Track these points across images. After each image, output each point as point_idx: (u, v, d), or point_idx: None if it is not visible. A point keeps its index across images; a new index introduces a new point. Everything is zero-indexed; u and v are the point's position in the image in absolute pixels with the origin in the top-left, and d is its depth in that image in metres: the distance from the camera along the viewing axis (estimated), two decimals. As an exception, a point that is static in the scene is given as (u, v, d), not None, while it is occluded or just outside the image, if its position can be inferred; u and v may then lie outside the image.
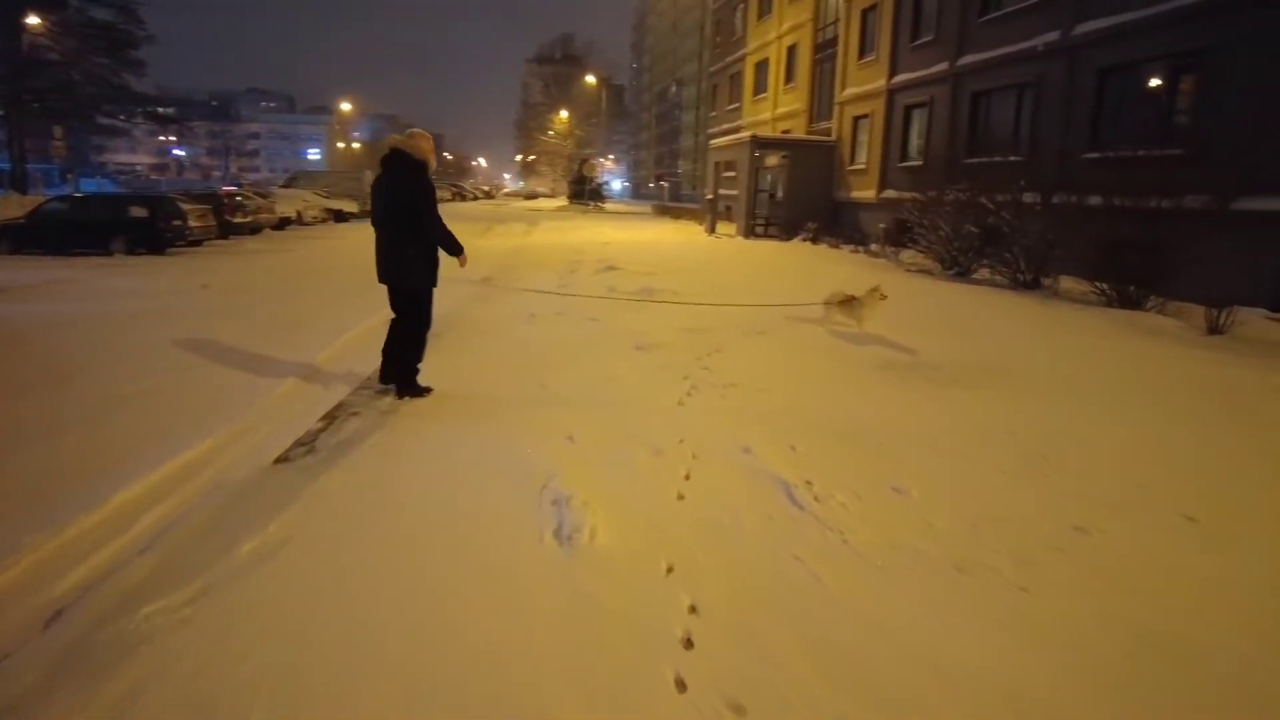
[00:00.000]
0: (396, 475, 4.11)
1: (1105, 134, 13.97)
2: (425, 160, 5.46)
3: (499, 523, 3.52)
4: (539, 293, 10.72)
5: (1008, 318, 9.77)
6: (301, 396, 5.69)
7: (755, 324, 8.65)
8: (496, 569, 3.12)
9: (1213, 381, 6.77)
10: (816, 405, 5.57)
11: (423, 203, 5.42)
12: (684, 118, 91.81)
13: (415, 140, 5.49)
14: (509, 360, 6.83)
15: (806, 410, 5.43)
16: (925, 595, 3.04)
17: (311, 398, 5.67)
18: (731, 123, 35.15)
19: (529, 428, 4.88)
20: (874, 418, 5.31)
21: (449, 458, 4.37)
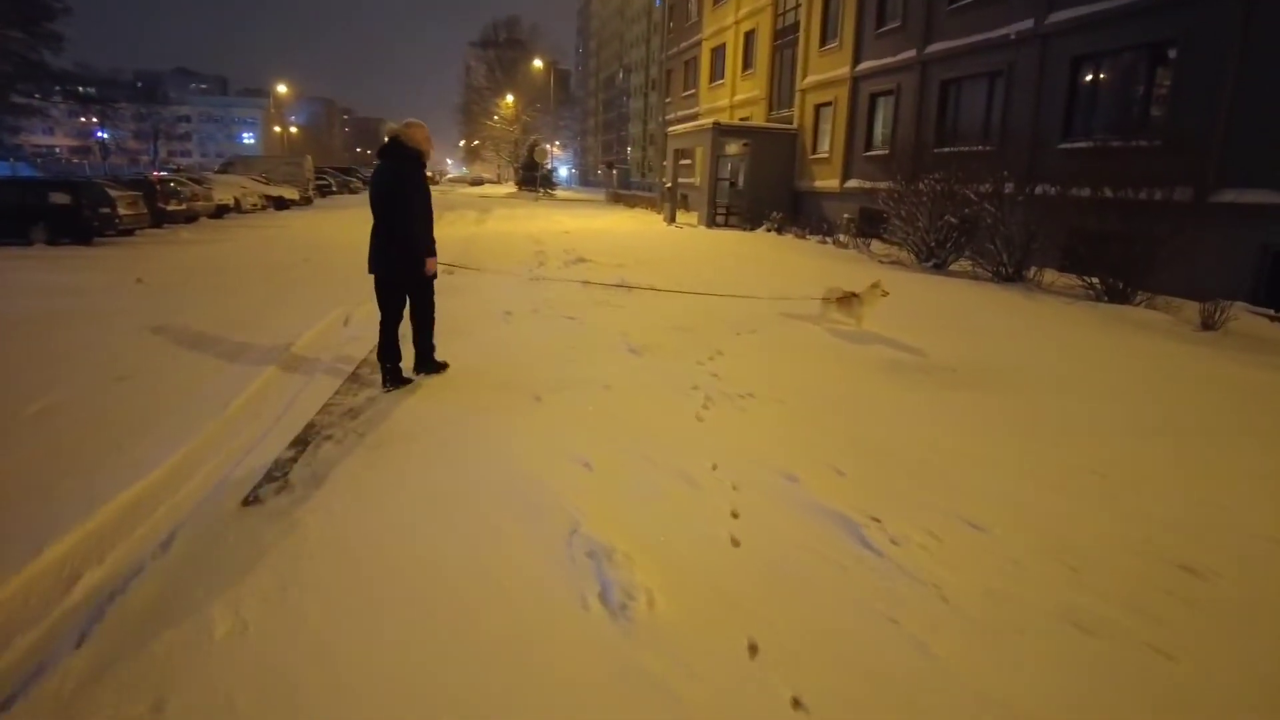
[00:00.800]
0: (387, 520, 3.44)
1: (1079, 124, 13.82)
2: (420, 150, 5.38)
3: (527, 585, 2.89)
4: (508, 286, 10.01)
5: (1001, 313, 9.44)
6: (257, 414, 4.96)
7: (745, 321, 8.12)
8: (534, 651, 2.50)
9: (1234, 381, 6.48)
10: (843, 418, 5.06)
11: (399, 192, 5.29)
12: (631, 104, 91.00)
13: (410, 130, 5.42)
14: (492, 367, 6.17)
15: (835, 424, 4.91)
16: (1055, 665, 2.53)
17: (272, 414, 4.94)
18: (687, 110, 34.57)
19: (535, 452, 4.25)
20: (908, 432, 4.82)
21: (450, 495, 3.71)
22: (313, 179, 35.24)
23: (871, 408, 5.32)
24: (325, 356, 6.50)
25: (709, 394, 5.41)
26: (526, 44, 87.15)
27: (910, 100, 18.51)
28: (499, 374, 5.94)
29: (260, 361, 6.19)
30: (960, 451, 4.51)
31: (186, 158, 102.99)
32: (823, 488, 3.85)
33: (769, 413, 5.09)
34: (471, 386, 5.60)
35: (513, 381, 5.70)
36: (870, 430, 4.81)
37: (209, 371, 5.95)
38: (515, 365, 6.21)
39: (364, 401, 5.24)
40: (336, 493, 3.71)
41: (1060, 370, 6.60)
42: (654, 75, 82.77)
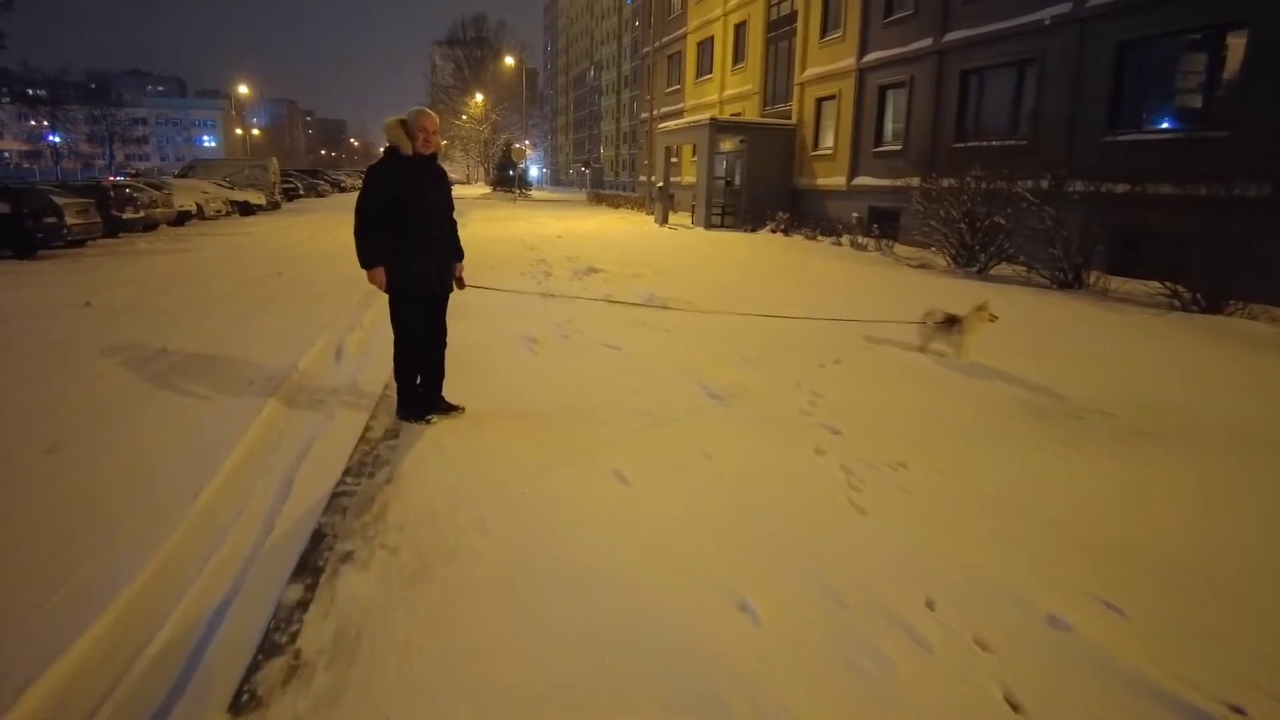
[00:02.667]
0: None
1: (1127, 115, 12.77)
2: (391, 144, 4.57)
3: None
4: (520, 305, 8.62)
5: (1094, 329, 8.22)
6: (240, 508, 3.56)
7: (822, 349, 6.83)
8: None
9: None
10: (1033, 498, 3.78)
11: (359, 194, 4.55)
12: (603, 102, 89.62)
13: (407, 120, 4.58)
14: (534, 419, 4.81)
15: (1033, 511, 3.63)
16: None
17: (261, 507, 3.55)
18: (671, 106, 33.29)
19: (655, 581, 2.89)
20: (1136, 516, 3.57)
21: (551, 683, 2.37)
22: (279, 182, 33.37)
23: (1053, 478, 4.05)
24: (319, 405, 5.10)
25: (845, 464, 4.09)
26: (493, 42, 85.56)
27: (925, 92, 17.40)
28: (546, 431, 4.58)
29: (237, 416, 4.78)
30: (1225, 542, 3.28)
31: (144, 161, 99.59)
32: (1110, 638, 2.57)
33: (940, 493, 3.79)
34: (515, 449, 4.25)
35: (570, 444, 4.35)
36: (1083, 517, 3.54)
37: (169, 433, 4.52)
38: (563, 417, 4.86)
39: (382, 480, 3.87)
40: (378, 681, 2.35)
41: (1226, 410, 5.39)
42: (626, 72, 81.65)
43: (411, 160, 4.48)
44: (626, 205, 35.36)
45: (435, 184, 4.68)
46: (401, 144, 4.44)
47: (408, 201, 4.45)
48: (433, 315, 4.77)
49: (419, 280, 4.56)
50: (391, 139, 4.48)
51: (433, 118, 4.55)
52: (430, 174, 4.64)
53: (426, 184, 4.57)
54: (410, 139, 4.43)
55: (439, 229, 4.69)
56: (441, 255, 4.71)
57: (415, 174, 4.51)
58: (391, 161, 4.48)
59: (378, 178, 4.46)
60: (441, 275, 4.72)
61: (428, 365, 4.85)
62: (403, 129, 4.43)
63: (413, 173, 4.50)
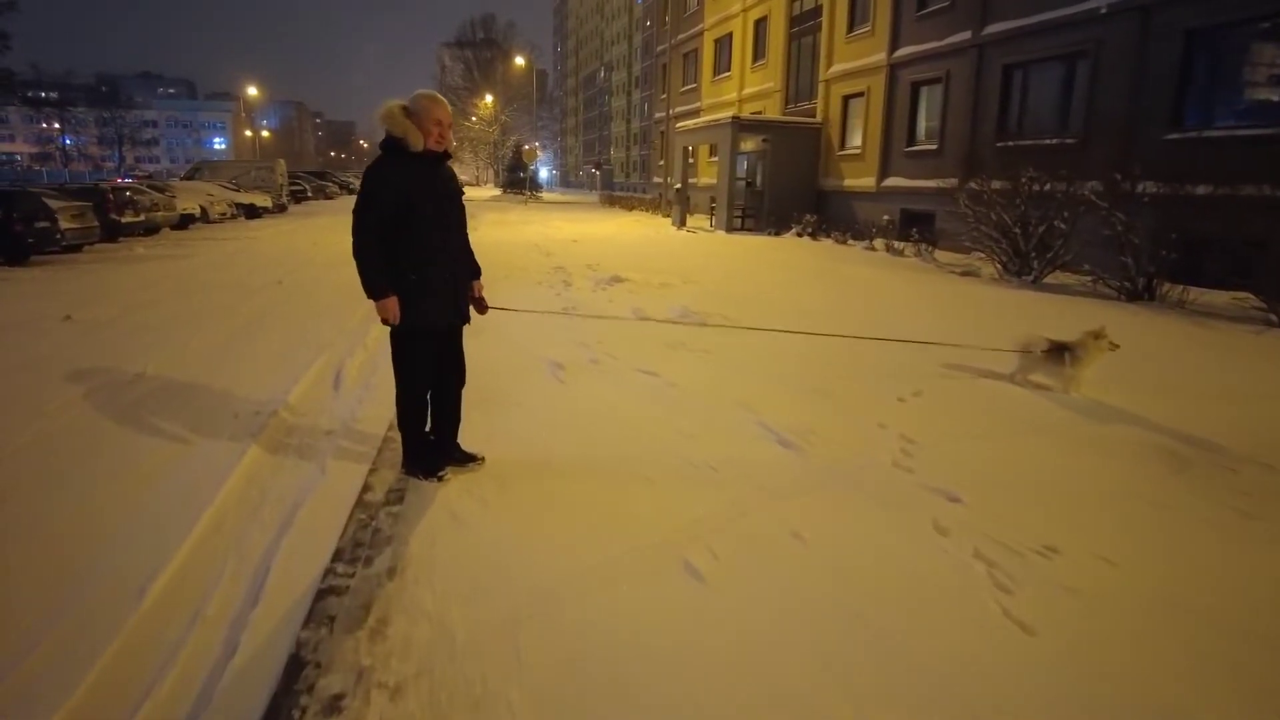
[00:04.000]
0: None
1: (1194, 110, 11.79)
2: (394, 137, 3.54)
3: None
4: (540, 321, 7.73)
5: (1204, 354, 7.19)
6: (198, 613, 2.69)
7: (894, 373, 5.92)
8: None
9: None
10: (1228, 601, 2.88)
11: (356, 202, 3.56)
12: (613, 103, 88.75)
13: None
14: (568, 473, 3.91)
15: (1227, 618, 2.73)
16: None
17: (227, 614, 2.68)
18: (687, 105, 32.39)
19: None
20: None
21: None
22: (286, 184, 32.64)
23: (1241, 567, 3.13)
24: (311, 452, 4.23)
25: (980, 548, 3.17)
26: (503, 43, 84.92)
27: (963, 88, 16.43)
28: (586, 494, 3.69)
29: (210, 469, 3.91)
30: None
31: (154, 164, 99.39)
32: None
33: (1113, 596, 2.86)
34: (550, 523, 3.36)
35: (618, 517, 3.45)
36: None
37: (126, 493, 3.66)
38: (605, 472, 3.96)
39: (382, 570, 2.99)
40: None
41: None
42: (636, 73, 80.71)
43: (421, 158, 3.54)
44: (640, 207, 34.47)
45: (452, 186, 3.76)
46: (410, 136, 3.47)
47: (418, 212, 3.51)
48: (447, 350, 3.89)
49: (432, 314, 3.68)
50: (394, 130, 3.48)
51: (445, 106, 3.60)
52: (445, 174, 3.72)
53: (440, 190, 3.63)
54: (420, 131, 3.49)
55: (455, 246, 3.79)
56: (459, 278, 3.82)
57: (426, 176, 3.56)
58: (396, 159, 3.52)
59: (380, 180, 3.50)
60: (458, 302, 3.83)
61: (441, 408, 3.96)
62: (409, 118, 3.48)
63: (423, 174, 3.55)
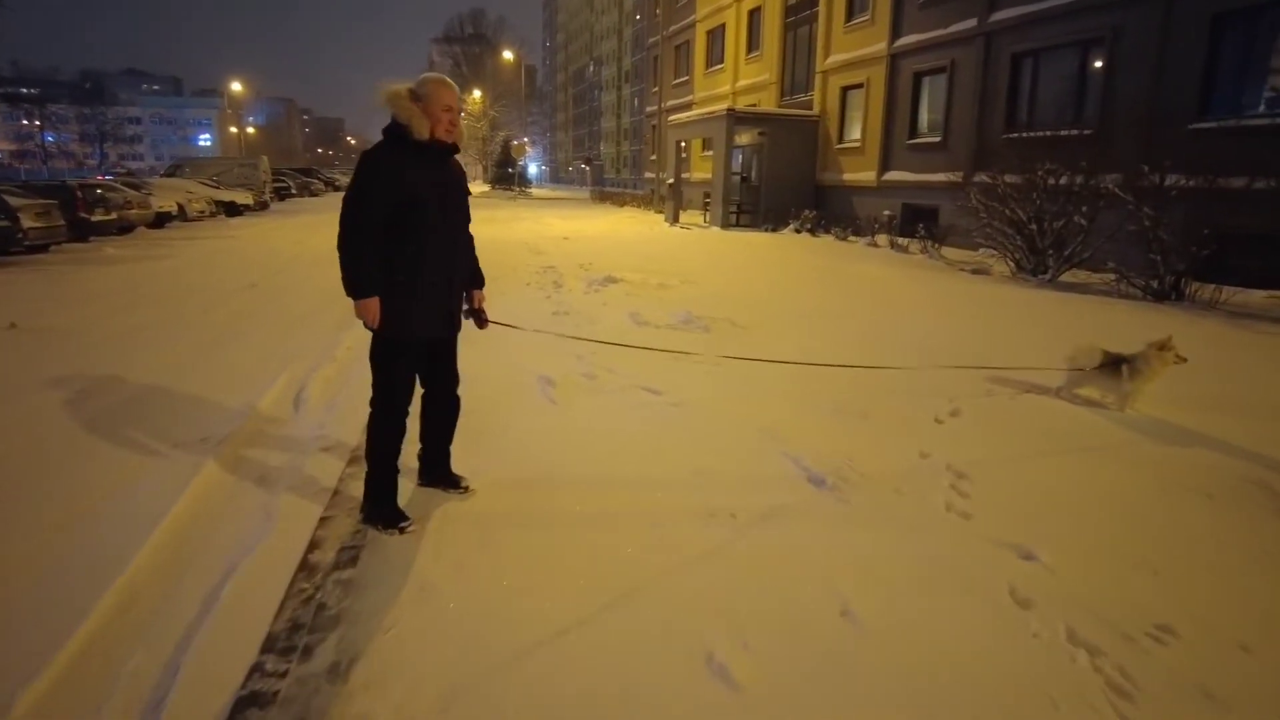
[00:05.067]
0: None
1: (1222, 98, 11.19)
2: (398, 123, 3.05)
3: None
4: (528, 328, 7.04)
5: (1263, 361, 6.65)
6: (107, 698, 2.04)
7: (928, 387, 5.29)
8: None
9: None
10: None
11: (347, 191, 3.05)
12: (604, 98, 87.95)
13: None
14: (561, 536, 3.25)
15: None
16: None
17: (135, 700, 2.02)
18: (679, 99, 31.69)
19: None
20: None
21: None
22: (270, 181, 31.79)
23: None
24: (254, 497, 3.55)
25: (1073, 627, 2.51)
26: (492, 38, 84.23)
27: (969, 78, 15.81)
28: (587, 550, 3.03)
29: (129, 526, 3.23)
30: None
31: (138, 161, 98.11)
32: None
33: (1255, 694, 2.26)
34: (543, 594, 2.69)
35: (627, 584, 2.79)
36: None
37: (29, 569, 2.98)
38: (607, 519, 3.31)
39: (321, 668, 2.33)
40: None
41: None
42: (627, 67, 79.86)
43: (425, 149, 3.05)
44: (632, 203, 33.79)
45: (457, 182, 3.26)
46: (415, 123, 2.99)
47: (416, 209, 3.02)
48: (438, 364, 3.41)
49: (418, 321, 3.16)
50: (399, 115, 3.01)
51: (455, 90, 3.11)
52: (451, 168, 3.23)
53: (445, 186, 3.16)
54: (425, 118, 3.01)
55: (455, 250, 3.29)
56: (454, 285, 3.32)
57: (431, 169, 3.09)
58: (397, 147, 3.02)
59: (375, 169, 2.99)
60: (451, 312, 3.33)
61: (431, 424, 3.52)
62: (415, 102, 3.01)
63: (427, 167, 3.08)
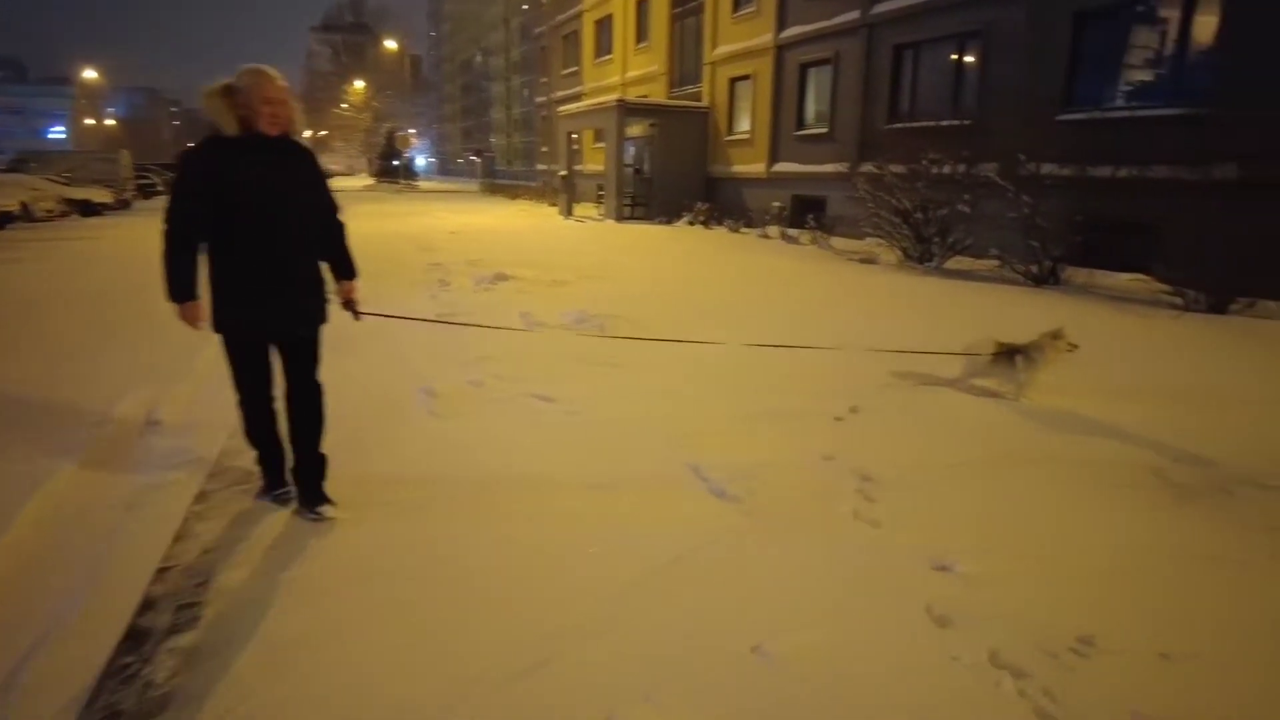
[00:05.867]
0: None
1: (1086, 91, 11.68)
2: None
3: None
4: (413, 332, 6.52)
5: (1141, 343, 6.76)
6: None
7: (830, 383, 5.15)
8: None
9: None
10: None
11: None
12: (493, 89, 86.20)
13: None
14: (440, 588, 2.85)
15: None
16: None
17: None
18: (569, 89, 31.20)
19: None
20: None
21: None
22: (132, 177, 29.32)
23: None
24: (78, 557, 2.98)
25: (997, 650, 2.30)
26: (374, 27, 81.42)
27: (853, 70, 16.07)
28: (466, 597, 2.65)
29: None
30: None
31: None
32: None
33: (1195, 693, 2.11)
34: (420, 664, 2.32)
35: (518, 649, 2.44)
36: None
37: None
38: (494, 553, 2.93)
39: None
40: None
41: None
42: (515, 58, 78.45)
43: (244, 143, 2.99)
44: (525, 196, 33.08)
45: (289, 175, 3.13)
46: (223, 121, 2.95)
47: (245, 207, 2.98)
48: (291, 365, 3.29)
49: (255, 322, 3.12)
50: (208, 113, 2.97)
51: (276, 81, 3.01)
52: (279, 162, 3.09)
53: (272, 176, 3.04)
54: (247, 111, 2.95)
55: (294, 243, 3.16)
56: (301, 282, 3.20)
57: (252, 162, 2.99)
58: (213, 146, 3.01)
59: (193, 170, 3.01)
60: (300, 311, 3.22)
61: (290, 427, 3.34)
62: (227, 100, 2.95)
63: (247, 161, 2.98)
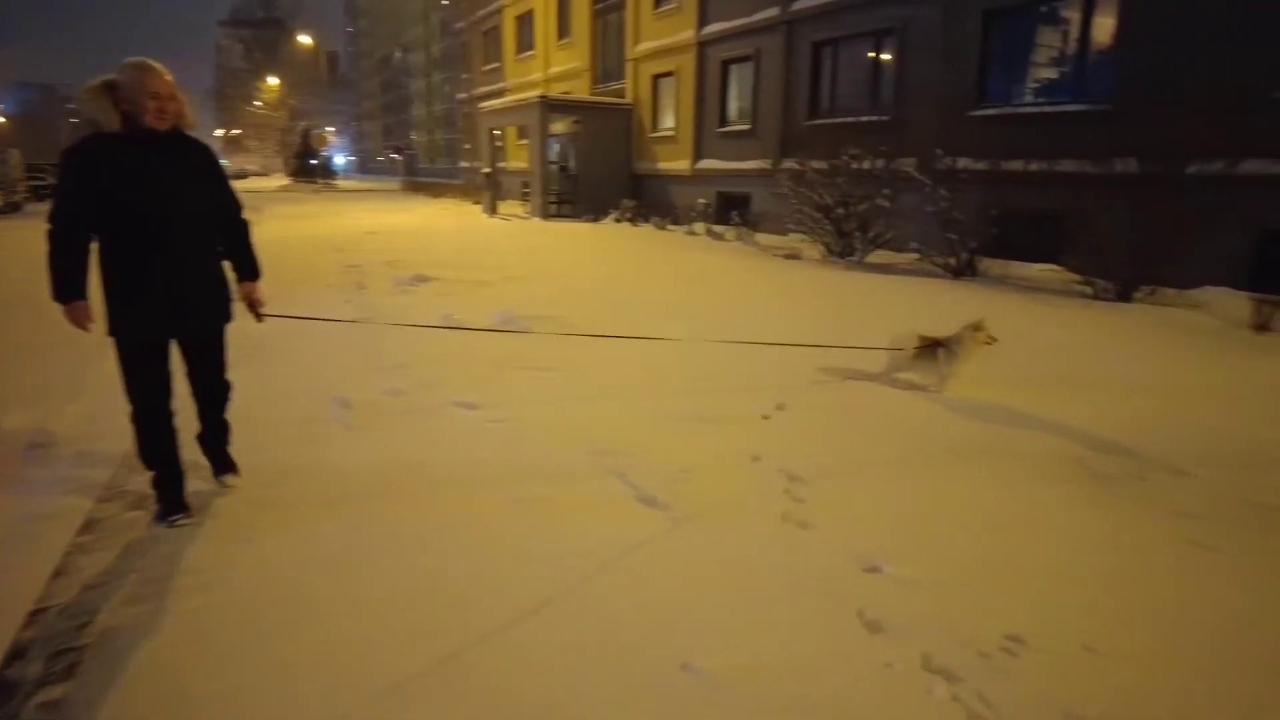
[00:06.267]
0: None
1: (996, 88, 12.03)
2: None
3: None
4: (326, 338, 6.22)
5: (1053, 332, 6.94)
6: None
7: (757, 381, 5.10)
8: None
9: None
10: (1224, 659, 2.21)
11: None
12: (413, 85, 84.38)
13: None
14: (346, 631, 2.68)
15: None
16: None
17: None
18: (490, 85, 30.70)
19: None
20: None
21: None
22: (23, 178, 27.51)
23: (1227, 610, 2.50)
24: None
25: (930, 655, 2.27)
26: (286, 22, 79.01)
27: (774, 67, 16.20)
28: (367, 620, 2.48)
29: None
30: None
31: None
32: None
33: (1136, 692, 2.10)
34: (323, 685, 2.14)
35: (418, 659, 2.28)
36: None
37: None
38: (405, 574, 2.76)
39: None
40: None
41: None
42: (435, 54, 76.90)
43: (129, 139, 2.90)
44: (448, 194, 32.40)
45: (179, 171, 3.04)
46: (104, 117, 2.86)
47: (129, 205, 2.89)
48: (194, 367, 3.30)
49: (147, 324, 3.02)
50: (86, 110, 2.90)
51: (161, 74, 2.90)
52: (168, 157, 3.00)
53: (160, 172, 2.96)
54: (131, 106, 2.86)
55: (187, 240, 3.09)
56: (196, 280, 3.15)
57: (137, 158, 2.91)
58: (94, 142, 2.90)
59: (73, 169, 2.88)
60: (196, 310, 3.18)
61: (202, 422, 3.41)
62: (108, 96, 2.87)
63: (132, 156, 2.90)
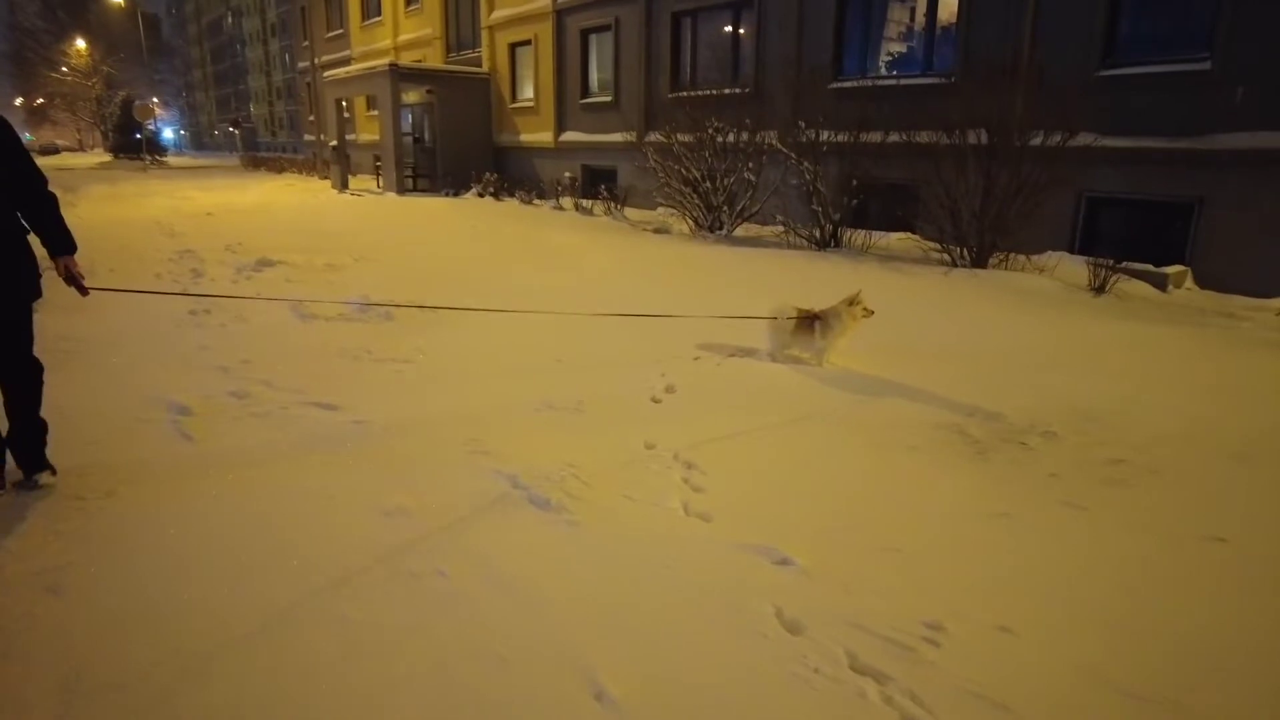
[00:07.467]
0: None
1: (852, 61, 12.31)
2: None
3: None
4: (157, 332, 5.53)
5: (918, 300, 7.15)
6: None
7: (636, 358, 4.92)
8: None
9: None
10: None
11: None
12: (248, 54, 78.40)
13: None
14: (194, 651, 2.29)
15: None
16: None
17: None
18: (335, 54, 28.84)
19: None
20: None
21: None
22: None
23: (1144, 605, 2.55)
24: None
25: (854, 651, 2.16)
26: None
27: (634, 37, 15.96)
28: (221, 663, 2.13)
29: None
30: None
31: None
32: None
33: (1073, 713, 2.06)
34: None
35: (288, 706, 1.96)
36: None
37: None
38: (263, 605, 2.39)
39: None
40: None
41: (1155, 406, 4.42)
42: (272, 19, 71.69)
43: None
44: (293, 169, 30.30)
45: None
46: None
47: None
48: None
49: None
50: None
51: None
52: None
53: None
54: None
55: None
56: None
57: None
58: None
59: None
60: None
61: (8, 405, 3.17)
62: None
63: None
